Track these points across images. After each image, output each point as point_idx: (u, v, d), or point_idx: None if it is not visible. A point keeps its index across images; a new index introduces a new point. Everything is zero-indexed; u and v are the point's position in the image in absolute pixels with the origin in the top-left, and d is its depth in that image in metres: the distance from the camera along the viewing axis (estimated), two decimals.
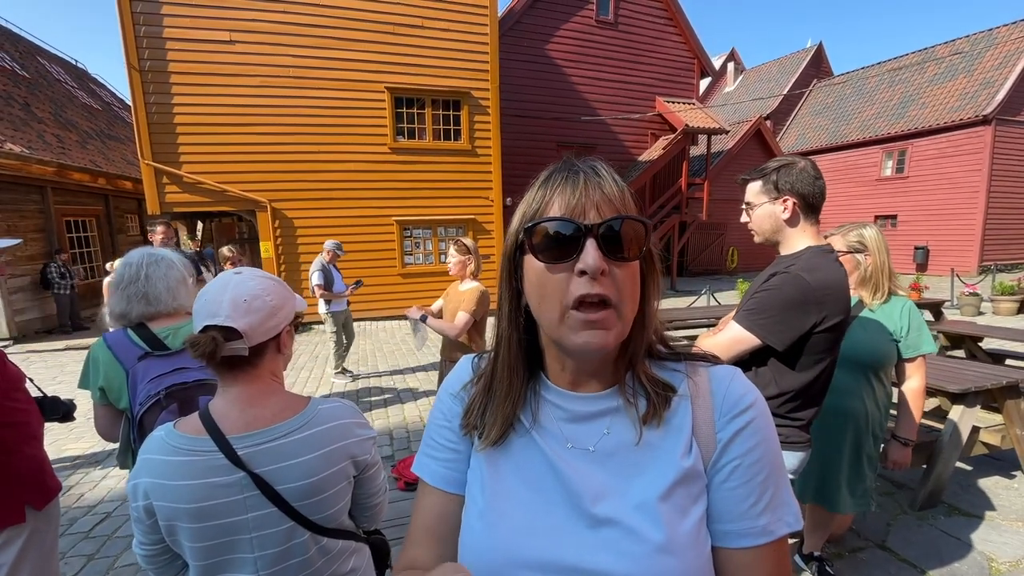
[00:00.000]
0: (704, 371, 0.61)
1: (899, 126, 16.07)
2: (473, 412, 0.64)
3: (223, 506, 0.88)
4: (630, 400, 0.59)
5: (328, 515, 0.98)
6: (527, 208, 0.57)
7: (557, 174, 0.56)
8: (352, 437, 1.01)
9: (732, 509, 0.55)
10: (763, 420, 0.57)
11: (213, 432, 0.89)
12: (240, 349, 0.89)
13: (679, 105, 13.79)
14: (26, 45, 12.83)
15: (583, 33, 13.12)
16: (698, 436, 0.57)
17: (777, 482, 0.56)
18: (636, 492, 0.55)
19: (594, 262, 0.51)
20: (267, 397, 0.97)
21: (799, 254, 1.45)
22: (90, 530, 2.87)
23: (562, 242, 0.53)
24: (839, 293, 1.39)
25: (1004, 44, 14.61)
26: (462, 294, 2.83)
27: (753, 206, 1.53)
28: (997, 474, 3.16)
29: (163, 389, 1.29)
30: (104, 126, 12.99)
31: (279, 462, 0.92)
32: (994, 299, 8.92)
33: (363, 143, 9.13)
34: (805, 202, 1.45)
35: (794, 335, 1.38)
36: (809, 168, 1.45)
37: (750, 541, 0.54)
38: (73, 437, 4.23)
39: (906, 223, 16.18)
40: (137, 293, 1.43)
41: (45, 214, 9.17)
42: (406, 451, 3.77)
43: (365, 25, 8.82)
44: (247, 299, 0.91)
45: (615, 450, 0.58)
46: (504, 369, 0.62)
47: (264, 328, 0.94)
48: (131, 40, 7.67)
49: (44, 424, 1.61)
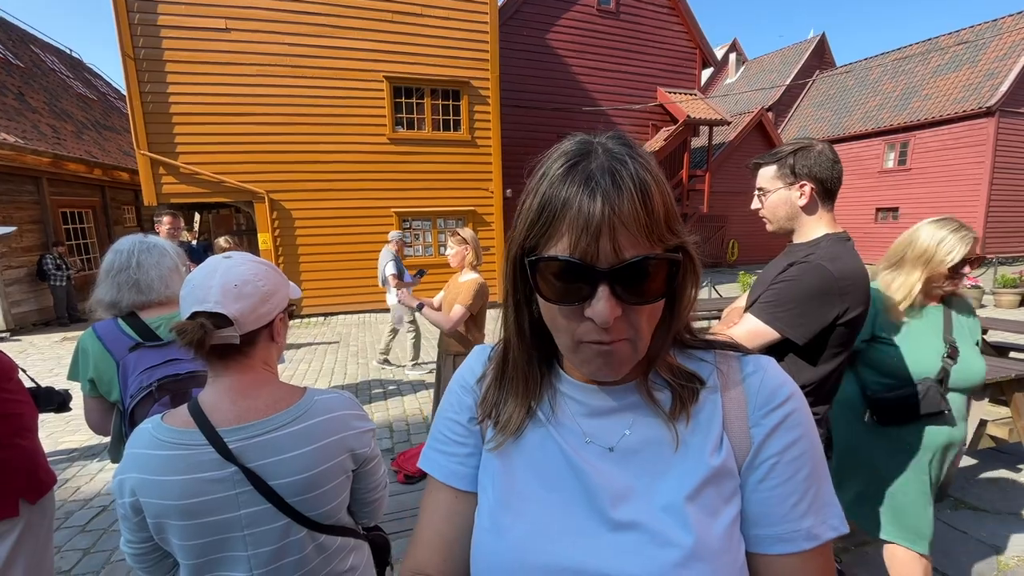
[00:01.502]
0: (735, 361, 0.56)
1: (902, 118, 15.95)
2: (488, 401, 0.60)
3: (214, 502, 0.84)
4: (652, 394, 0.54)
5: (325, 511, 0.93)
6: (531, 218, 0.48)
7: (572, 181, 0.45)
8: (350, 430, 0.96)
9: (772, 511, 0.50)
10: (803, 413, 0.52)
11: (203, 425, 0.85)
12: (231, 337, 0.84)
13: (681, 96, 13.67)
14: (19, 33, 12.64)
15: (584, 22, 12.96)
16: (729, 431, 0.52)
17: (820, 480, 0.51)
18: (661, 493, 0.50)
19: (604, 314, 0.44)
20: (260, 388, 0.92)
21: (816, 241, 1.38)
22: (86, 524, 2.84)
23: (570, 281, 0.46)
24: (861, 283, 1.32)
25: (1010, 34, 14.45)
26: (460, 286, 2.78)
27: (767, 192, 1.45)
28: (1004, 468, 3.13)
29: (155, 381, 1.25)
30: (100, 116, 12.84)
31: (273, 456, 0.87)
32: (996, 292, 8.90)
33: (362, 133, 9.03)
34: (823, 187, 1.37)
35: (816, 328, 1.30)
36: (828, 151, 1.37)
37: (793, 547, 0.49)
38: (70, 430, 4.20)
39: (908, 215, 16.09)
40: (128, 281, 1.39)
41: (41, 205, 9.08)
42: (406, 444, 3.74)
43: (363, 13, 8.68)
44: (237, 284, 0.86)
45: (638, 447, 0.53)
46: (518, 360, 0.57)
47: (256, 315, 0.89)
48: (125, 28, 7.54)
49: (39, 416, 1.57)
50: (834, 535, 0.50)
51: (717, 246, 17.74)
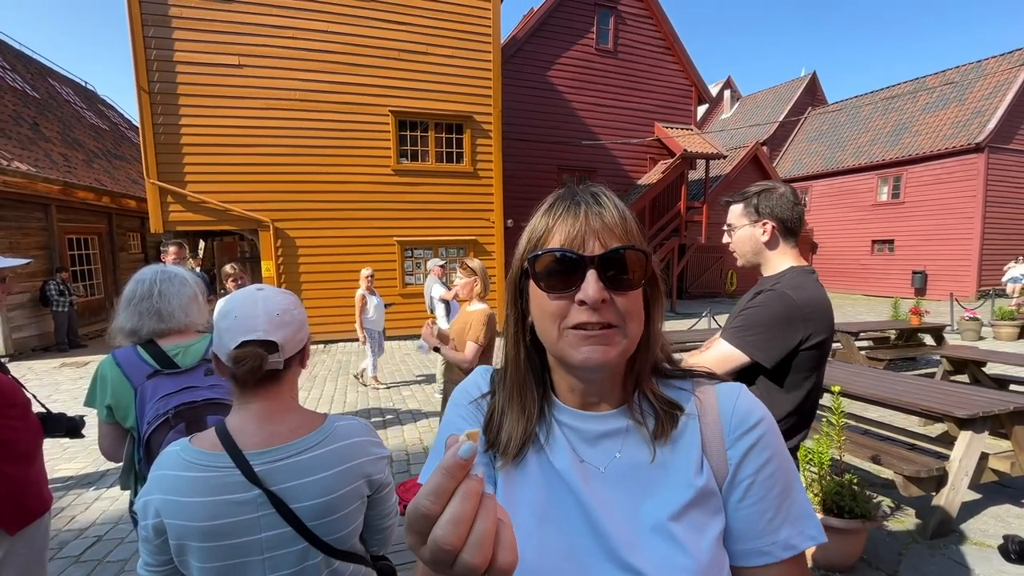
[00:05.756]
0: (711, 389, 0.61)
1: (893, 153, 16.33)
2: (492, 428, 0.63)
3: (237, 525, 0.86)
4: (639, 419, 0.58)
5: (341, 536, 0.96)
6: (530, 236, 0.59)
7: (560, 203, 0.57)
8: (367, 455, 0.99)
9: (751, 527, 0.55)
10: (772, 435, 0.58)
11: (230, 448, 0.88)
12: (276, 363, 0.90)
13: (677, 130, 14.03)
14: (37, 66, 13.09)
15: (583, 60, 13.44)
16: (708, 454, 0.57)
17: (793, 494, 0.56)
18: (649, 513, 0.54)
19: (594, 293, 0.52)
20: (285, 413, 0.96)
21: (782, 274, 1.49)
22: (81, 554, 2.79)
23: (563, 272, 0.54)
24: (823, 310, 1.42)
25: (994, 75, 14.96)
26: (469, 316, 2.83)
27: (734, 228, 1.59)
28: (1008, 502, 3.11)
29: (171, 408, 1.28)
30: (110, 146, 13.15)
31: (296, 479, 0.90)
32: (995, 324, 8.93)
33: (366, 164, 9.25)
34: (784, 226, 1.50)
35: (782, 352, 1.39)
36: (789, 194, 1.50)
37: (772, 558, 0.54)
38: (67, 457, 4.16)
39: (903, 248, 16.29)
40: (150, 309, 1.43)
41: (48, 232, 9.21)
42: (406, 474, 3.71)
43: (371, 51, 9.04)
44: (279, 313, 0.92)
45: (627, 470, 0.57)
46: (515, 388, 0.62)
47: (295, 341, 0.95)
48: (142, 63, 7.83)
49: (40, 442, 1.54)
50: (811, 544, 0.55)
51: (716, 276, 17.85)
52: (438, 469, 0.33)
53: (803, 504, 0.56)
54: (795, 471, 0.58)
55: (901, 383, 3.43)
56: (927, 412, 3.00)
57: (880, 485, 3.31)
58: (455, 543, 0.31)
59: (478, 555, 0.31)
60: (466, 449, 0.32)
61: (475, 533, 0.32)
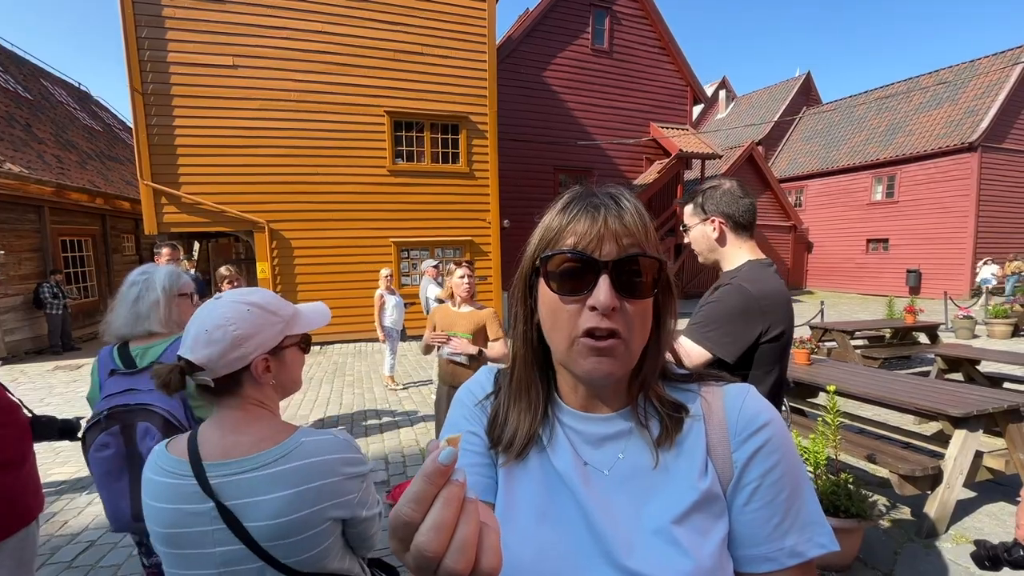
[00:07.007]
0: (719, 390, 0.60)
1: (888, 152, 16.42)
2: (496, 427, 0.63)
3: (193, 536, 0.84)
4: (642, 422, 0.58)
5: (304, 559, 0.88)
6: (544, 234, 0.57)
7: (577, 202, 0.56)
8: (336, 475, 0.91)
9: (756, 532, 0.53)
10: (781, 437, 0.56)
11: (192, 456, 0.86)
12: (204, 381, 0.88)
13: (673, 130, 14.07)
14: (30, 67, 13.00)
15: (579, 61, 13.46)
16: (713, 457, 0.56)
17: (802, 500, 0.55)
18: (652, 516, 0.53)
19: (606, 299, 0.51)
20: (249, 424, 0.92)
21: (739, 268, 1.50)
22: (72, 559, 2.76)
23: (576, 275, 0.53)
24: (780, 302, 1.42)
25: (986, 75, 15.06)
26: (476, 316, 2.86)
27: (688, 228, 1.62)
28: (1003, 500, 3.12)
29: (105, 409, 1.27)
30: (104, 147, 13.07)
31: (247, 496, 0.84)
32: (988, 322, 8.97)
33: (362, 165, 9.22)
34: (733, 221, 1.51)
35: (742, 346, 1.39)
36: (734, 189, 1.52)
37: (777, 564, 0.52)
38: (59, 461, 4.12)
39: (898, 247, 16.37)
40: (127, 312, 1.46)
41: (41, 234, 9.14)
42: (402, 476, 3.69)
43: (366, 51, 9.01)
44: (208, 329, 0.88)
45: (631, 472, 0.56)
46: (521, 386, 0.62)
47: (227, 360, 0.88)
48: (135, 64, 7.79)
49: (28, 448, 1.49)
50: (820, 552, 0.53)
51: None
52: (419, 475, 0.32)
53: (813, 510, 0.55)
54: (805, 476, 0.56)
55: (896, 382, 3.44)
56: (922, 411, 3.01)
57: (876, 484, 3.32)
58: (437, 550, 0.31)
59: (460, 561, 0.31)
60: (446, 455, 0.32)
61: (457, 539, 0.31)
